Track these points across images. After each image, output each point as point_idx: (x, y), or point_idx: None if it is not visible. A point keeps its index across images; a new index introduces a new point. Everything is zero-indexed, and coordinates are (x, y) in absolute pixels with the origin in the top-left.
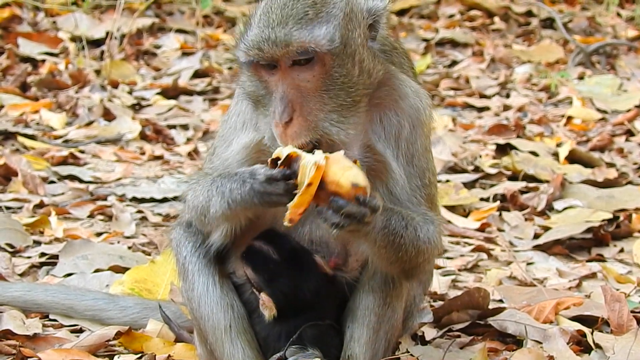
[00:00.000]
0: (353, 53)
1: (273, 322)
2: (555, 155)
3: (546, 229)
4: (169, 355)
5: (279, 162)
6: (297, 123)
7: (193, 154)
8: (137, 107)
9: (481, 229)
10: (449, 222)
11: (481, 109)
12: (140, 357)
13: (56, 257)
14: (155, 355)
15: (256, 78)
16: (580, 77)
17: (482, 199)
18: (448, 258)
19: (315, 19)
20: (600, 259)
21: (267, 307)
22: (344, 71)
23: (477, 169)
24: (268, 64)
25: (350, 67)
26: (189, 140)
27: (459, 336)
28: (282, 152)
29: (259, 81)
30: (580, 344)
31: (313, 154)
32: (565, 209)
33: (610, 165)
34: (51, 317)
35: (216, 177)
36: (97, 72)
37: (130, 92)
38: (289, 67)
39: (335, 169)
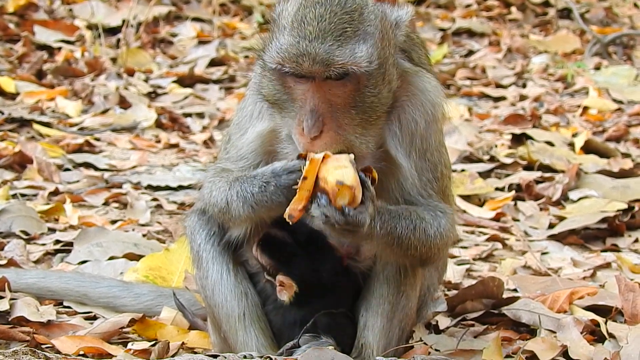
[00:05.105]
0: (384, 72)
1: (287, 310)
2: (571, 145)
3: (561, 218)
4: (183, 343)
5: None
6: (325, 137)
7: (208, 143)
8: (153, 95)
9: (496, 219)
10: (464, 211)
11: (497, 99)
12: (154, 345)
13: (71, 244)
14: (169, 342)
15: (280, 83)
16: (597, 68)
17: (497, 189)
18: (463, 247)
19: (353, 36)
20: (615, 249)
21: (286, 287)
22: (376, 90)
23: (492, 159)
24: (299, 74)
25: (380, 87)
26: (204, 128)
27: (472, 325)
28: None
29: (282, 86)
30: (594, 334)
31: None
32: (580, 199)
33: (626, 155)
34: (65, 304)
35: (234, 181)
36: (113, 60)
37: (146, 80)
38: (322, 81)
39: (329, 166)
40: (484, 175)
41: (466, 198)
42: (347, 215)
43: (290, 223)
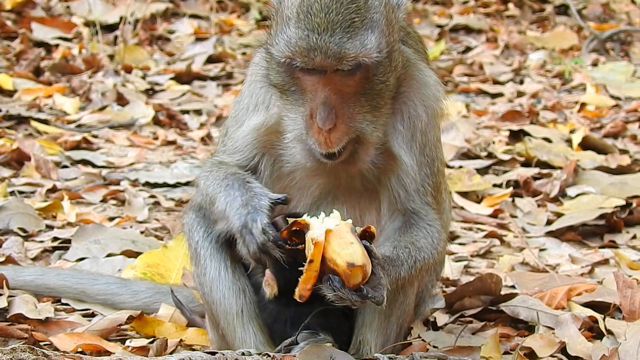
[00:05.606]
0: (391, 58)
1: (279, 307)
2: (569, 141)
3: (559, 215)
4: (181, 340)
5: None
6: (339, 128)
7: (206, 139)
8: (150, 92)
9: (494, 215)
10: (462, 208)
11: (495, 95)
12: (152, 342)
13: (68, 241)
14: (167, 339)
15: (288, 74)
16: (594, 64)
17: (495, 185)
18: (460, 244)
19: (361, 26)
20: (613, 245)
21: (269, 284)
22: (384, 77)
23: (490, 155)
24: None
25: (388, 74)
26: (202, 125)
27: (470, 322)
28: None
29: (290, 78)
30: (592, 330)
31: (323, 220)
32: (578, 195)
33: (624, 151)
34: (63, 301)
35: (229, 175)
36: (111, 57)
37: (143, 77)
38: (332, 73)
39: (334, 245)
40: (482, 171)
41: (464, 194)
42: (365, 296)
43: (301, 302)
